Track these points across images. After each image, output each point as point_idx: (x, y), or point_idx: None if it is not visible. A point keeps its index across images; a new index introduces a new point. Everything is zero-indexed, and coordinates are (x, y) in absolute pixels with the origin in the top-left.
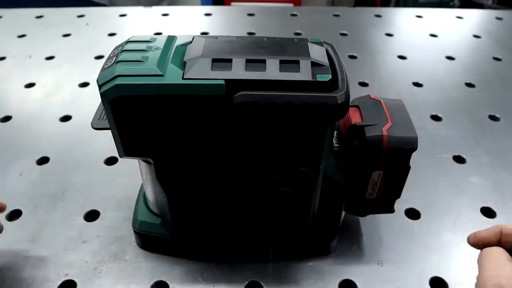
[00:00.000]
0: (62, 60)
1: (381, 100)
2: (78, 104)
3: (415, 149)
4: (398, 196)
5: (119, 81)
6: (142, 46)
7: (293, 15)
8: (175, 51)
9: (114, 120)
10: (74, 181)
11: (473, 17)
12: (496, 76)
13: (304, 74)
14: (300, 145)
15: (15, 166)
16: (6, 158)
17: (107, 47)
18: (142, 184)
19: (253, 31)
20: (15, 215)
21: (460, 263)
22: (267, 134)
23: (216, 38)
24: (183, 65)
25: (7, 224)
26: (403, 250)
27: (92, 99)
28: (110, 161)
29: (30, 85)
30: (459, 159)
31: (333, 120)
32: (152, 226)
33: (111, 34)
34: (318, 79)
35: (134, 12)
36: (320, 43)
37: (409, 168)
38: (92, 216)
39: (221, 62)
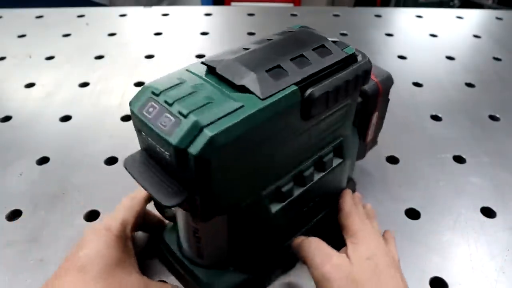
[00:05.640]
0: (62, 60)
1: None
2: (78, 104)
3: (393, 83)
4: (381, 127)
5: (210, 131)
6: (185, 88)
7: (293, 15)
8: (211, 80)
9: (211, 180)
10: (74, 181)
11: (473, 17)
12: (496, 76)
13: (337, 52)
14: (347, 117)
15: (15, 166)
16: (6, 158)
17: (107, 47)
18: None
19: (253, 31)
20: (15, 215)
21: (460, 263)
22: (327, 122)
23: (236, 55)
24: (240, 89)
25: (7, 224)
26: (403, 250)
27: (92, 99)
28: (110, 161)
29: (30, 85)
30: (459, 159)
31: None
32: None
33: (111, 34)
34: (348, 52)
35: (134, 12)
36: (302, 27)
37: (389, 100)
38: (92, 216)
39: (273, 70)
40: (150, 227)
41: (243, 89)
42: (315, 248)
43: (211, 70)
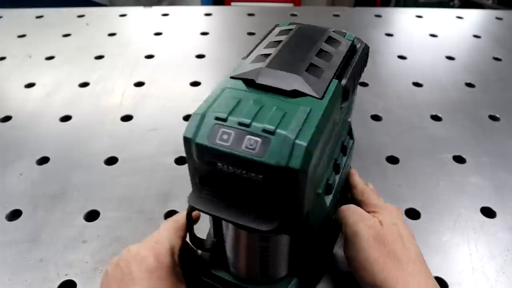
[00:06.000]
0: (62, 60)
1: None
2: (78, 104)
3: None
4: None
5: (303, 142)
6: (249, 106)
7: (293, 15)
8: (260, 92)
9: (304, 191)
10: (74, 181)
11: (473, 17)
12: (496, 76)
13: (343, 41)
14: (352, 100)
15: (15, 166)
16: (6, 158)
17: (107, 47)
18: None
19: (253, 31)
20: (15, 215)
21: (460, 263)
22: (346, 107)
23: (263, 62)
24: (292, 94)
25: (7, 224)
26: None
27: (92, 99)
28: (110, 161)
29: (30, 85)
30: (459, 159)
31: None
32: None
33: (111, 34)
34: (350, 39)
35: (134, 12)
36: (291, 24)
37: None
38: (92, 216)
39: (310, 69)
40: (186, 256)
41: (295, 94)
42: (352, 211)
43: (249, 82)
